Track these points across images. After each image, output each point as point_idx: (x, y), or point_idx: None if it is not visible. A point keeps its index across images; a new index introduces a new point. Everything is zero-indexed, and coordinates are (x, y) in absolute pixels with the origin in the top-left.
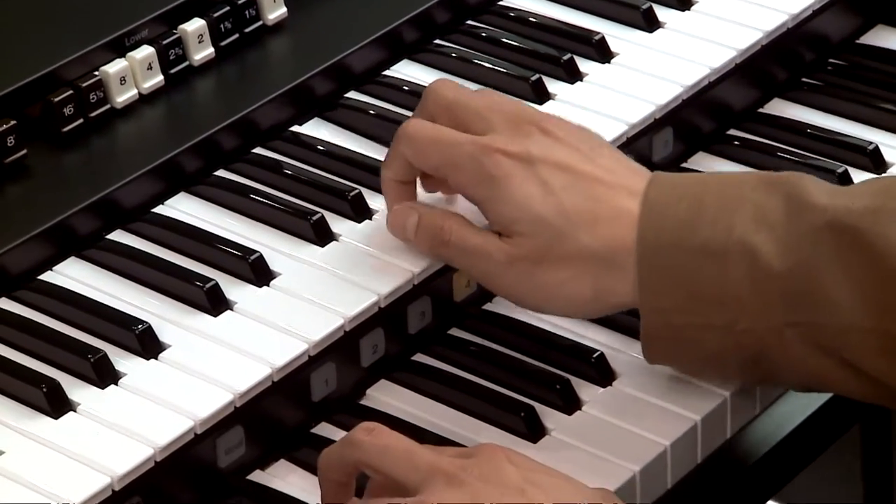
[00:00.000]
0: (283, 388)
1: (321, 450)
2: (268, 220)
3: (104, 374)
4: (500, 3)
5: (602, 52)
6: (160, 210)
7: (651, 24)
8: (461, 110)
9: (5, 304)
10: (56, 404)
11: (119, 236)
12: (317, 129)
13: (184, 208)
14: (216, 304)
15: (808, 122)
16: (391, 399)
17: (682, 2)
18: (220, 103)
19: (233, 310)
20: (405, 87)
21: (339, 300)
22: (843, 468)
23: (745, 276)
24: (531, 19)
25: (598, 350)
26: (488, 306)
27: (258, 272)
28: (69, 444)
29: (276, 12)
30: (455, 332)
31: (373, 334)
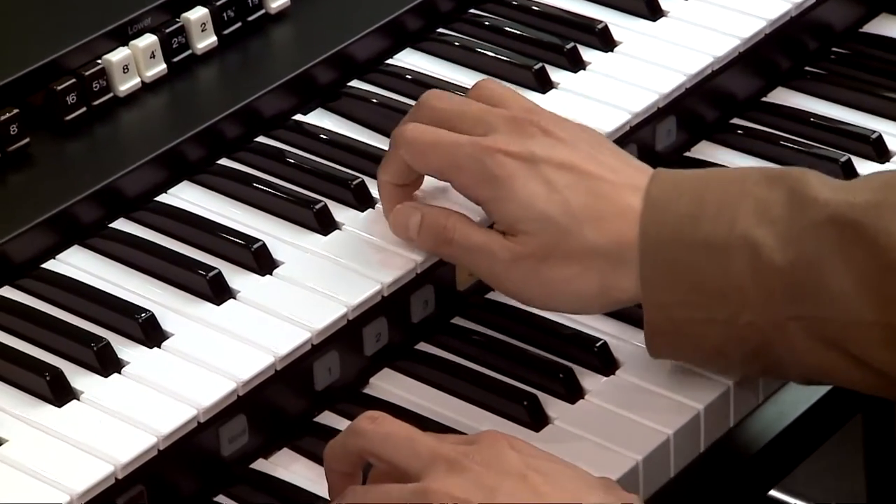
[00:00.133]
0: (286, 376)
1: (324, 438)
2: (271, 209)
3: (107, 363)
4: None
5: (605, 40)
6: (163, 199)
7: (654, 12)
8: (458, 119)
9: (8, 292)
10: (59, 393)
11: (122, 225)
12: (320, 117)
13: (187, 197)
14: (219, 292)
15: (812, 110)
16: (394, 388)
17: None
18: (223, 92)
19: (236, 298)
20: (408, 76)
21: (342, 289)
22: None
23: (747, 271)
24: (534, 7)
25: (601, 339)
26: (491, 295)
27: (261, 261)
28: (72, 432)
29: (278, 1)
30: (458, 320)
31: (376, 323)
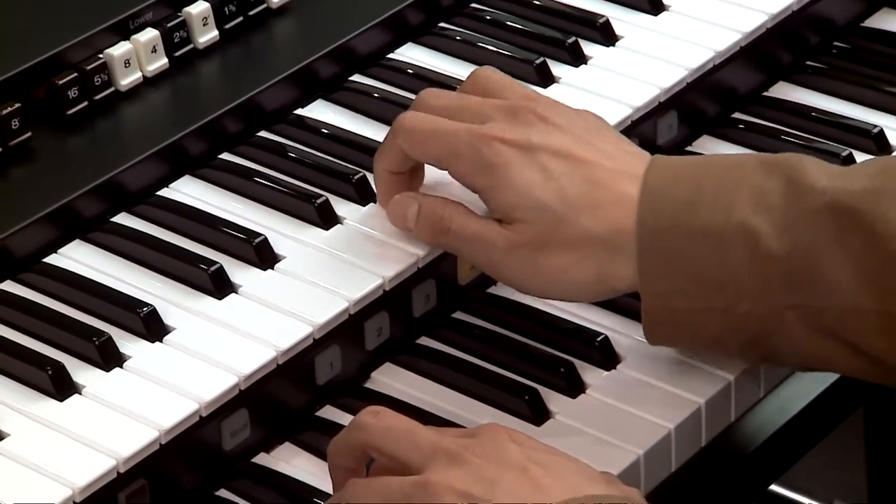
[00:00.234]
0: (288, 371)
1: (326, 433)
2: (272, 204)
3: (109, 357)
4: None
5: (607, 35)
6: (165, 193)
7: (656, 6)
8: (456, 112)
9: (10, 286)
10: (61, 387)
11: (124, 219)
12: (321, 112)
13: (188, 191)
14: (221, 287)
15: (813, 105)
16: (396, 382)
17: None
18: (225, 86)
19: (237, 293)
20: (409, 71)
21: (343, 283)
22: (845, 452)
23: (744, 259)
24: (535, 2)
25: (602, 333)
26: (493, 290)
27: (263, 255)
28: (74, 426)
29: None
30: (459, 315)
31: (377, 317)
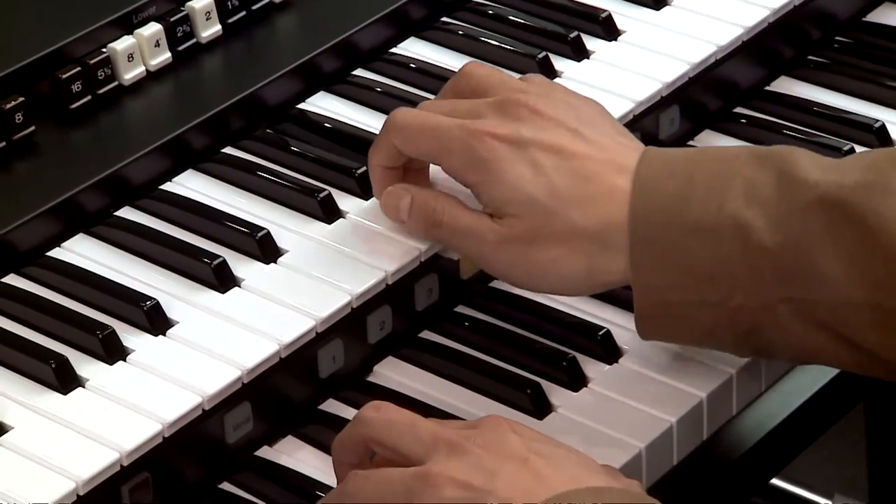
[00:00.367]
0: (291, 364)
1: (328, 426)
2: (275, 198)
3: (112, 351)
4: None
5: (609, 29)
6: (168, 187)
7: (658, 1)
8: (450, 114)
9: (14, 280)
10: (64, 380)
11: (127, 213)
12: (324, 106)
13: (191, 185)
14: (224, 280)
15: (815, 99)
16: (398, 376)
17: None
18: (228, 81)
19: (240, 286)
20: (412, 65)
21: (346, 277)
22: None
23: (736, 253)
24: None
25: (604, 327)
26: (495, 283)
27: (266, 249)
28: (77, 419)
29: None
30: (462, 309)
31: (380, 311)
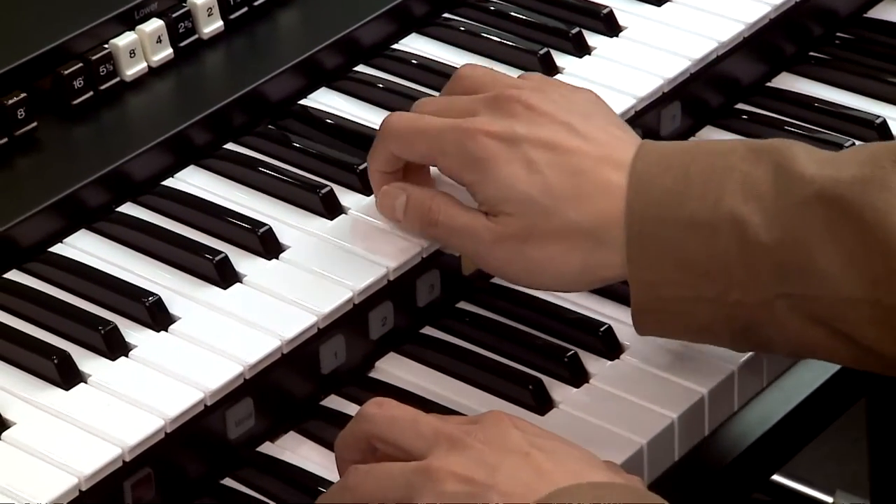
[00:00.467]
0: (293, 360)
1: (330, 422)
2: (277, 194)
3: (115, 346)
4: None
5: (610, 25)
6: (170, 183)
7: None
8: (445, 110)
9: (16, 276)
10: (67, 376)
11: (129, 209)
12: (326, 102)
13: (193, 181)
14: (226, 276)
15: (816, 95)
16: (400, 372)
17: None
18: (230, 77)
19: (242, 282)
20: (413, 61)
21: (348, 273)
22: (848, 442)
23: (733, 248)
24: None
25: (605, 323)
26: (496, 280)
27: (267, 245)
28: (80, 415)
29: None
30: (463, 305)
31: (382, 307)
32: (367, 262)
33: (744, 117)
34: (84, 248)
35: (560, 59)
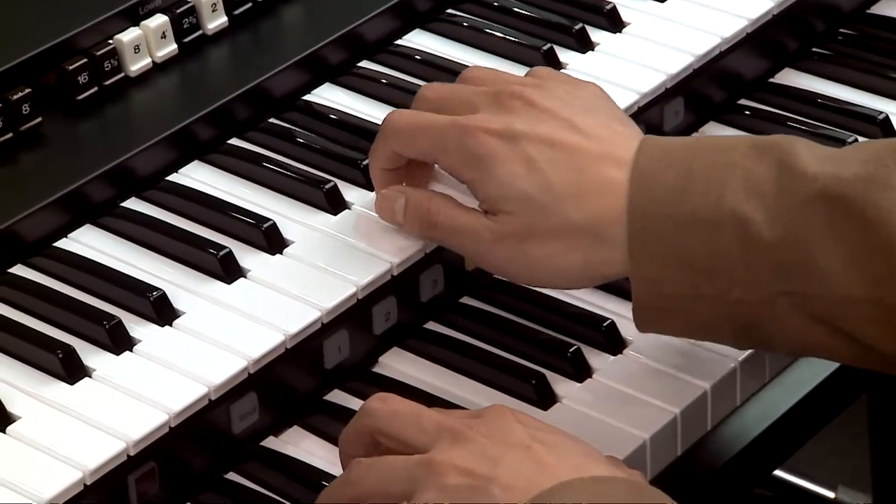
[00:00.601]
0: (297, 355)
1: (334, 416)
2: (281, 189)
3: (119, 341)
4: None
5: (613, 21)
6: (174, 178)
7: None
8: (447, 104)
9: (21, 270)
10: (71, 370)
11: (133, 204)
12: (330, 98)
13: (197, 176)
14: (230, 271)
15: (819, 91)
16: (403, 367)
17: None
18: (234, 72)
19: (246, 277)
20: (417, 57)
21: (351, 268)
22: (850, 438)
23: (735, 246)
24: None
25: (608, 318)
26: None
27: (271, 240)
28: (84, 409)
29: None
30: (467, 300)
31: (385, 302)
32: (370, 257)
33: (747, 113)
34: (88, 242)
35: (563, 54)
